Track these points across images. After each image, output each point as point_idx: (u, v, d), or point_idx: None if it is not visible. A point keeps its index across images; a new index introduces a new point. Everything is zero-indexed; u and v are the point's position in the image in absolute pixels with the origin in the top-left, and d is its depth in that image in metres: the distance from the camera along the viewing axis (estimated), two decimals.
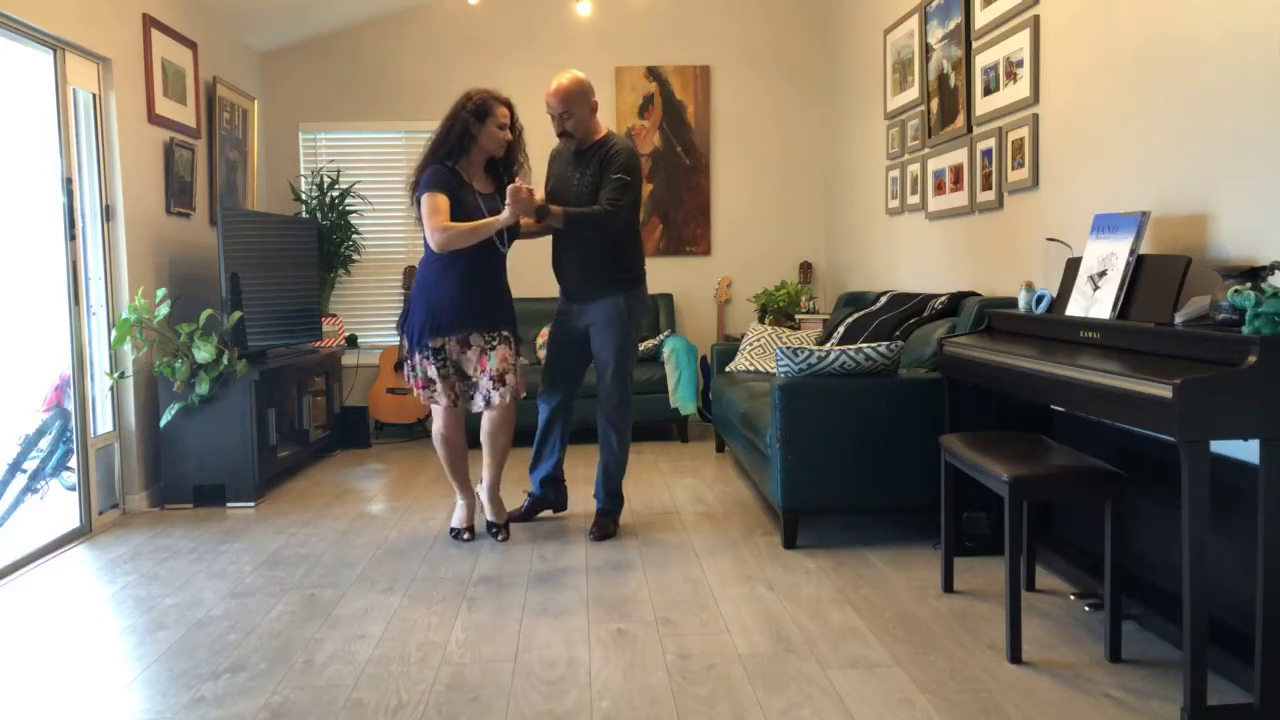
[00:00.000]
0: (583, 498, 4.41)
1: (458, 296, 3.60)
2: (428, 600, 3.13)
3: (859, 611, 2.94)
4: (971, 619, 2.86)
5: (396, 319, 3.78)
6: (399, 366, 6.13)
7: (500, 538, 3.79)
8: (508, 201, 3.50)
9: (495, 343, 3.66)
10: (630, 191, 3.68)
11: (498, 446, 3.76)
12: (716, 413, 5.20)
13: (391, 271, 6.49)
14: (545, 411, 3.98)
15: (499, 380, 3.63)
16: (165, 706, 2.40)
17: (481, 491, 3.87)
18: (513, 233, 3.69)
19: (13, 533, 4.00)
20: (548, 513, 4.16)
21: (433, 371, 3.63)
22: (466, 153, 3.64)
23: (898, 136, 5.12)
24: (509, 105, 3.70)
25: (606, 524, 3.83)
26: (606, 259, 3.75)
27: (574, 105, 3.69)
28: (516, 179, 3.71)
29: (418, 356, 3.65)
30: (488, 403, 3.65)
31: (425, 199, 3.53)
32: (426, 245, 3.60)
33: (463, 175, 3.64)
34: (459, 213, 3.56)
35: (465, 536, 3.79)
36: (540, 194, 3.70)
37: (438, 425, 3.78)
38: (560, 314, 3.91)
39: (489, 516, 3.84)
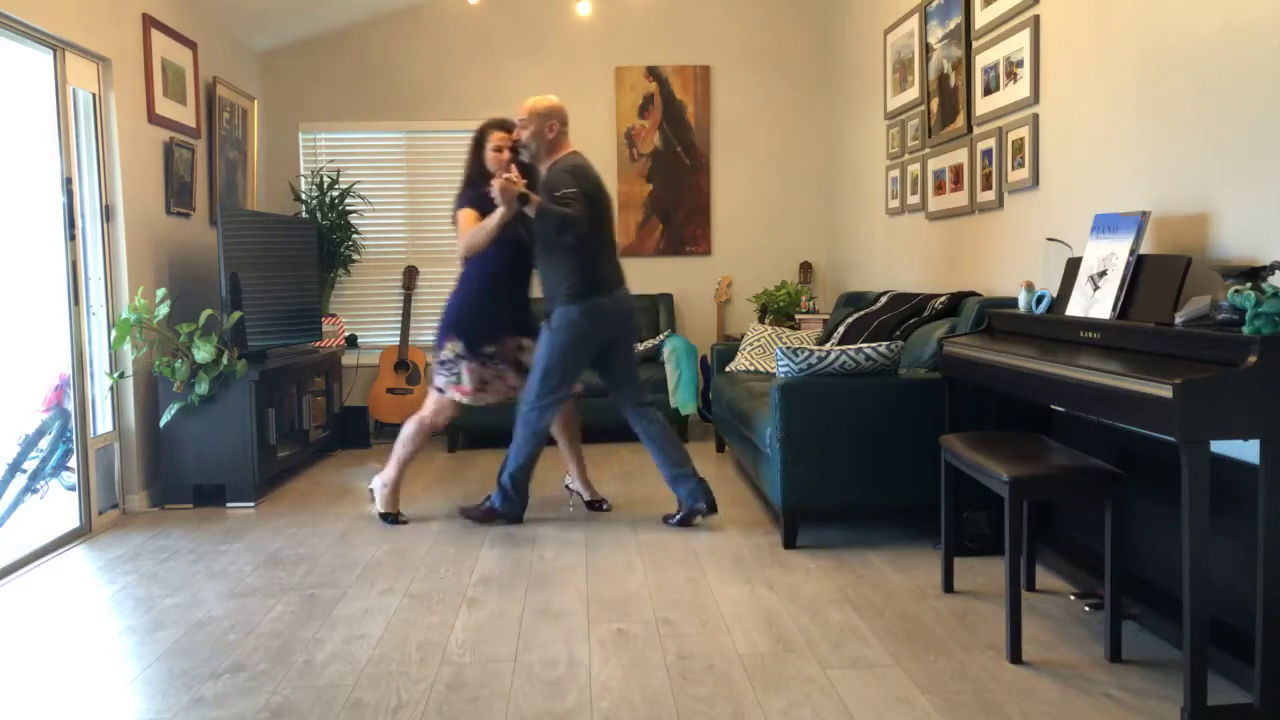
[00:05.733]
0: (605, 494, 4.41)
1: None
2: (428, 600, 3.13)
3: (859, 611, 2.94)
4: (971, 619, 2.86)
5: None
6: (399, 366, 6.14)
7: (606, 508, 4.26)
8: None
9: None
10: None
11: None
12: (716, 413, 5.19)
13: (392, 272, 6.49)
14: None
15: None
16: (165, 706, 2.40)
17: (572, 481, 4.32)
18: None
19: (13, 533, 4.00)
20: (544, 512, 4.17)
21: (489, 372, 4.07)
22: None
23: (898, 136, 5.12)
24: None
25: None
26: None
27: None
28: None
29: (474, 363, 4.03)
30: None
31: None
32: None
33: None
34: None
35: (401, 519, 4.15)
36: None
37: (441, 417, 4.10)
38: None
39: (588, 497, 4.28)
